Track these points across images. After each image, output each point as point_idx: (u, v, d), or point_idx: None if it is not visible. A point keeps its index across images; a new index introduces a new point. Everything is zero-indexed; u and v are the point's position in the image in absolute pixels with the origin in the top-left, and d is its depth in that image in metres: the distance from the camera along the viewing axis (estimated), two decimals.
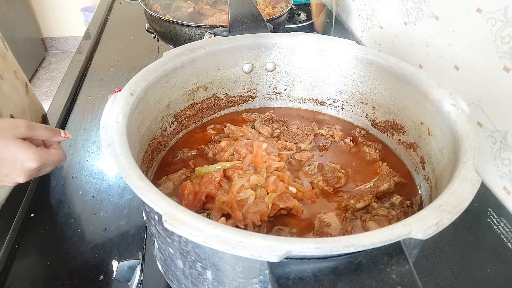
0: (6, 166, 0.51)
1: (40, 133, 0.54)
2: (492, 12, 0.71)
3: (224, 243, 0.30)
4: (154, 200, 0.34)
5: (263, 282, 0.35)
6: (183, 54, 0.57)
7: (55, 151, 0.55)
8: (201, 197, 0.49)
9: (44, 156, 0.52)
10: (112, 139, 0.40)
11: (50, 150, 0.55)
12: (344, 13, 1.47)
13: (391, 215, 0.50)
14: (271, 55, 0.66)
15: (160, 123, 0.58)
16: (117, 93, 0.47)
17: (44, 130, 0.54)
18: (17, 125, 0.51)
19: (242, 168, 0.51)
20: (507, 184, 0.72)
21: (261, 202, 0.47)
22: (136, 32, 1.33)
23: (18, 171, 0.52)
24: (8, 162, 0.51)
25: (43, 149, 0.54)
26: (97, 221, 0.66)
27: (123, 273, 0.55)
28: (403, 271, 0.30)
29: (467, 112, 0.47)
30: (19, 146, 0.51)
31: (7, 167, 0.51)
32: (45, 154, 0.53)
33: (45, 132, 0.54)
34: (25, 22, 2.85)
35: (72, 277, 0.57)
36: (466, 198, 0.35)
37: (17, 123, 0.52)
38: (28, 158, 0.51)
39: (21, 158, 0.51)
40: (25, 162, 0.51)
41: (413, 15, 0.98)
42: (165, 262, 0.45)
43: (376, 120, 0.64)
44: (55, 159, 0.55)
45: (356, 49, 0.62)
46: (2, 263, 0.58)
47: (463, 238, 0.65)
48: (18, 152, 0.51)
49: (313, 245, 0.29)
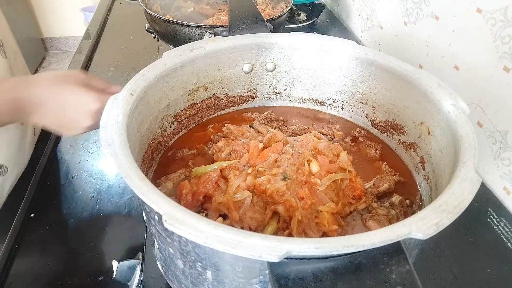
0: (73, 110, 0.54)
1: (96, 82, 0.57)
2: (492, 12, 0.71)
3: (224, 243, 0.30)
4: (154, 200, 0.34)
5: (263, 282, 0.35)
6: (183, 54, 0.57)
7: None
8: (199, 197, 0.48)
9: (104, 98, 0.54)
10: (112, 139, 0.40)
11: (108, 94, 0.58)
12: (344, 13, 1.47)
13: (391, 215, 0.50)
14: (271, 55, 0.66)
15: (160, 123, 0.58)
16: (117, 93, 0.47)
17: (100, 80, 0.58)
18: (74, 73, 0.56)
19: (238, 168, 0.51)
20: (507, 184, 0.72)
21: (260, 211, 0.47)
22: (136, 32, 1.33)
23: (84, 115, 0.54)
24: (73, 107, 0.54)
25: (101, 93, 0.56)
26: (97, 221, 0.66)
27: (123, 273, 0.55)
28: (403, 271, 0.30)
29: (467, 112, 0.47)
30: (79, 91, 0.54)
31: (73, 111, 0.54)
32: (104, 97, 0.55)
33: (101, 82, 0.58)
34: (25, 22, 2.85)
35: (72, 277, 0.57)
36: (466, 198, 0.35)
37: (76, 72, 0.57)
38: (90, 100, 0.53)
39: (84, 101, 0.54)
40: (89, 105, 0.54)
41: (413, 15, 0.98)
42: (165, 262, 0.45)
43: (376, 120, 0.64)
44: None
45: (356, 49, 0.62)
46: (2, 263, 0.58)
47: (463, 238, 0.65)
48: (81, 95, 0.54)
49: (313, 245, 0.29)
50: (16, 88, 0.53)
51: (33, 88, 0.53)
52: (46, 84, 0.54)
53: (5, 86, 0.53)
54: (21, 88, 0.54)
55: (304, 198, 0.47)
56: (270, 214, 0.47)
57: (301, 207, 0.46)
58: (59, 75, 0.55)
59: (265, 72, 0.68)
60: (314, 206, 0.47)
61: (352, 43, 0.63)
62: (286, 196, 0.46)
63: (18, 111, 0.54)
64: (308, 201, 0.46)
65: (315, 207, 0.47)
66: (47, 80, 0.55)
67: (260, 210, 0.47)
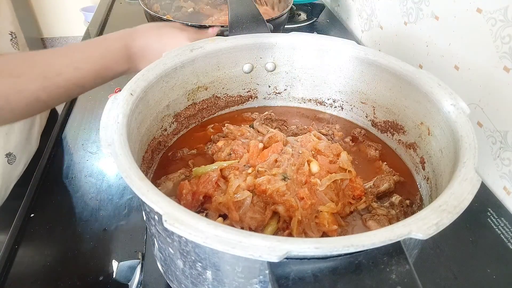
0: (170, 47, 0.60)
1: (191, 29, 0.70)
2: (492, 12, 0.71)
3: (224, 243, 0.30)
4: (154, 200, 0.34)
5: (263, 282, 0.35)
6: (183, 54, 0.57)
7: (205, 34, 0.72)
8: (199, 197, 0.48)
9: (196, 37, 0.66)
10: (112, 139, 0.40)
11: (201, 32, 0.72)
12: (344, 13, 1.47)
13: (391, 215, 0.50)
14: (271, 55, 0.66)
15: (160, 123, 0.58)
16: (117, 93, 0.47)
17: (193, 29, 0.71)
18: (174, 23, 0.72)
19: (238, 168, 0.51)
20: (507, 184, 0.72)
21: (260, 211, 0.47)
22: None
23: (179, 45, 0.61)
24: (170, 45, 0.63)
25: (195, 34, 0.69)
26: (97, 221, 0.66)
27: (123, 273, 0.55)
28: (403, 271, 0.30)
29: (467, 112, 0.47)
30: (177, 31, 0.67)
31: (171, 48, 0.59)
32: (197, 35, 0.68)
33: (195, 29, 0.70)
34: (25, 22, 2.85)
35: (72, 277, 0.57)
36: (466, 198, 0.35)
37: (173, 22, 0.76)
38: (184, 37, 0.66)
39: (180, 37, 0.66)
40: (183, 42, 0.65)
41: (413, 15, 0.98)
42: (165, 262, 0.45)
43: (376, 120, 0.64)
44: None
45: (356, 49, 0.62)
46: (2, 263, 0.58)
47: (463, 238, 0.65)
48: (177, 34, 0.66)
49: (313, 245, 0.29)
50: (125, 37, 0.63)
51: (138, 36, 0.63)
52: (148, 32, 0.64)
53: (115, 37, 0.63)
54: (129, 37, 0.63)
55: (304, 198, 0.47)
56: (270, 214, 0.47)
57: (301, 207, 0.46)
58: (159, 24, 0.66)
59: (265, 72, 0.68)
60: (314, 206, 0.47)
61: (352, 43, 0.63)
62: (286, 196, 0.46)
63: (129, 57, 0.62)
64: (308, 201, 0.46)
65: (315, 207, 0.47)
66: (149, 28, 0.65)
67: (260, 210, 0.47)
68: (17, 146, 0.74)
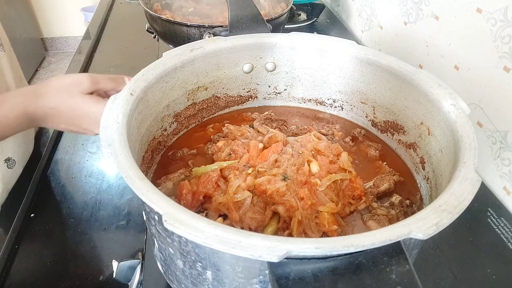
0: (83, 121, 0.54)
1: (104, 85, 0.55)
2: (492, 12, 0.71)
3: (224, 243, 0.30)
4: (154, 200, 0.34)
5: (263, 282, 0.35)
6: (183, 54, 0.57)
7: None
8: (199, 197, 0.48)
9: None
10: (112, 139, 0.40)
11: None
12: (344, 13, 1.47)
13: (391, 215, 0.50)
14: (271, 55, 0.66)
15: (160, 123, 0.58)
16: (117, 93, 0.47)
17: (108, 82, 0.55)
18: (81, 81, 0.53)
19: (238, 169, 0.51)
20: (507, 184, 0.72)
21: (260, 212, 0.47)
22: (136, 32, 1.33)
23: (95, 124, 0.53)
24: (84, 118, 0.53)
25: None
26: (97, 221, 0.66)
27: (123, 273, 0.55)
28: (403, 271, 0.30)
29: (467, 112, 0.47)
30: (88, 102, 0.52)
31: (85, 122, 0.54)
32: None
33: (109, 84, 0.55)
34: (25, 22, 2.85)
35: (72, 277, 0.57)
36: (466, 198, 0.35)
37: (81, 79, 0.53)
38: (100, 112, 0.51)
39: (93, 112, 0.53)
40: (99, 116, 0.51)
41: (413, 15, 0.98)
42: (165, 262, 0.45)
43: (376, 120, 0.64)
44: None
45: (356, 49, 0.62)
46: (2, 263, 0.58)
47: (463, 238, 0.65)
48: (89, 107, 0.52)
49: (313, 245, 0.29)
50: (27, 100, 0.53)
51: (44, 100, 0.53)
52: (56, 95, 0.53)
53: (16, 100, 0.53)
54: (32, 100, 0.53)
55: (304, 199, 0.47)
56: (270, 215, 0.47)
57: (301, 207, 0.46)
58: (67, 84, 0.53)
59: (265, 72, 0.68)
60: (314, 206, 0.47)
61: (352, 43, 0.63)
62: (286, 197, 0.46)
63: (31, 121, 0.54)
64: (308, 201, 0.46)
65: (315, 207, 0.47)
66: (56, 90, 0.53)
67: (260, 210, 0.47)
68: (16, 151, 0.73)
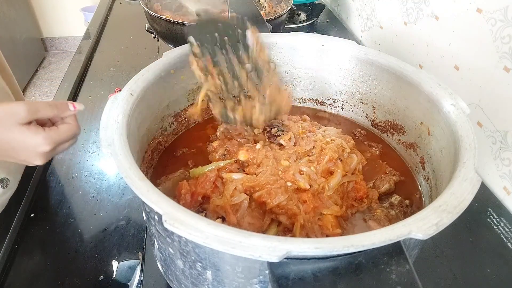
0: (21, 153, 0.50)
1: (44, 113, 0.50)
2: (492, 12, 0.71)
3: (224, 243, 0.30)
4: (154, 200, 0.34)
5: (263, 282, 0.35)
6: (183, 54, 0.57)
7: (65, 128, 0.51)
8: (198, 197, 0.48)
9: (54, 137, 0.49)
10: (112, 139, 0.40)
11: (60, 128, 0.51)
12: (344, 13, 1.47)
13: (391, 215, 0.50)
14: (271, 55, 0.66)
15: (160, 123, 0.58)
16: (117, 93, 0.47)
17: (48, 110, 0.50)
18: (17, 112, 0.48)
19: (232, 171, 0.51)
20: (507, 184, 0.72)
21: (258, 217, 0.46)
22: (136, 32, 1.33)
23: (34, 156, 0.50)
24: (21, 150, 0.49)
25: (52, 129, 0.50)
26: (97, 221, 0.66)
27: (123, 273, 0.55)
28: (403, 271, 0.30)
29: (467, 112, 0.47)
30: (25, 133, 0.48)
31: (22, 154, 0.50)
32: (55, 135, 0.50)
33: (50, 111, 0.50)
34: (25, 22, 2.85)
35: (72, 277, 0.57)
36: (466, 198, 0.35)
37: (16, 109, 0.48)
38: (38, 143, 0.48)
39: (31, 144, 0.49)
40: (37, 148, 0.49)
41: (413, 15, 0.98)
42: (165, 262, 0.45)
43: (376, 120, 0.64)
44: (68, 135, 0.51)
45: (356, 49, 0.62)
46: (2, 263, 0.58)
47: (463, 238, 0.65)
48: (26, 139, 0.48)
49: (313, 245, 0.29)
50: None
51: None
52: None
53: None
54: None
55: (306, 201, 0.47)
56: (269, 221, 0.46)
57: (303, 211, 0.46)
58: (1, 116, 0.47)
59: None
60: (317, 209, 0.47)
61: (352, 43, 0.63)
62: (289, 205, 0.46)
63: None
64: (310, 204, 0.46)
65: (318, 210, 0.47)
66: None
67: (258, 216, 0.47)
68: (10, 172, 0.71)
